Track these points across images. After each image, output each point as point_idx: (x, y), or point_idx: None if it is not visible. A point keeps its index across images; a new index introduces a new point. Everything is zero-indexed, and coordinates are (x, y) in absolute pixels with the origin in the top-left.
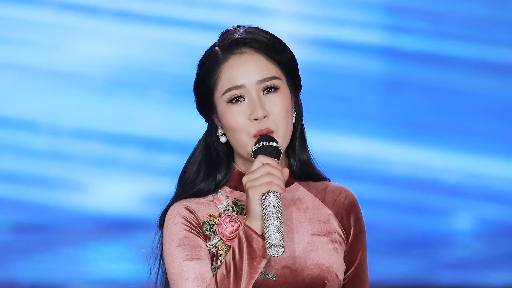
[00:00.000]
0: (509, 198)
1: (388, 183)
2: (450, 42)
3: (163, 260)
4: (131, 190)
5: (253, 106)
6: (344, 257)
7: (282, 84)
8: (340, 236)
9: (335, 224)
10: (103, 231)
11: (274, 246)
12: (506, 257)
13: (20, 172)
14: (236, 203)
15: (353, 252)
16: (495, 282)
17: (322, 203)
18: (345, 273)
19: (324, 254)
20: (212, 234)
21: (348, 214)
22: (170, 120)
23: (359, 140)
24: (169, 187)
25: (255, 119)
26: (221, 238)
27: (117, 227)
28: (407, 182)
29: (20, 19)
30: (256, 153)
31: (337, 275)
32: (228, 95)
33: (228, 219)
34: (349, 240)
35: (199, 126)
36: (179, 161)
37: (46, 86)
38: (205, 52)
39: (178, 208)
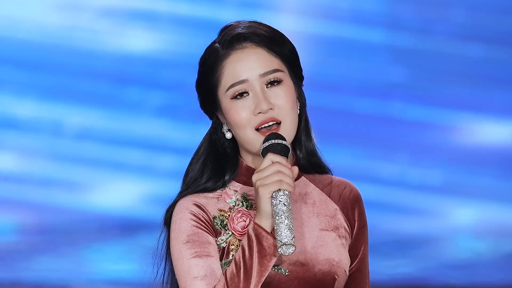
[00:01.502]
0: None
1: (383, 183)
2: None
3: (169, 258)
4: (135, 190)
5: (258, 100)
6: (348, 251)
7: (285, 76)
8: (346, 231)
9: (341, 219)
10: (106, 232)
11: (285, 244)
12: (507, 258)
13: (22, 173)
14: (245, 198)
15: (357, 246)
16: (497, 282)
17: (328, 198)
18: None
19: (333, 249)
20: (223, 229)
21: (353, 208)
22: (173, 120)
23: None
24: (173, 187)
25: (260, 113)
26: (233, 233)
27: (120, 227)
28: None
29: (22, 18)
30: (265, 151)
31: (345, 271)
32: (232, 91)
33: (239, 214)
34: (353, 234)
35: (203, 126)
36: (183, 162)
37: (50, 86)
38: (206, 49)
39: (187, 204)
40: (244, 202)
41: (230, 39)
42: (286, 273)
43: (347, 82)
